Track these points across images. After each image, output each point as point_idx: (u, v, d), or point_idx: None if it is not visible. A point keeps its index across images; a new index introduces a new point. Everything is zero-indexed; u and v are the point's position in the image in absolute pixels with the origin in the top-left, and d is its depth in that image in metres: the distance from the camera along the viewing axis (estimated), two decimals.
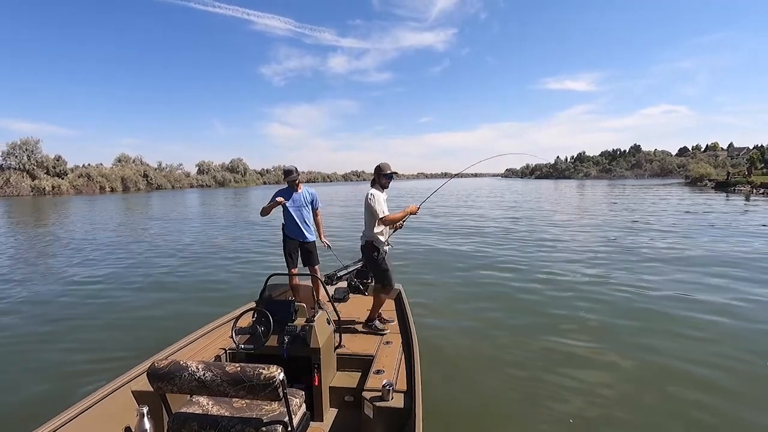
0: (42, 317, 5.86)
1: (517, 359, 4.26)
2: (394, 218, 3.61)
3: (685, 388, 3.66)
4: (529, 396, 3.58)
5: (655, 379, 3.83)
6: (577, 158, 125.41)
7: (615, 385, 3.75)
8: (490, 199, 31.73)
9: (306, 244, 4.35)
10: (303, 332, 2.86)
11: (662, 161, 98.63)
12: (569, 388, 3.68)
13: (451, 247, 10.87)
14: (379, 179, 3.67)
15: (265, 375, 1.69)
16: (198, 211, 25.95)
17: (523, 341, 4.71)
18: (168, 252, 11.03)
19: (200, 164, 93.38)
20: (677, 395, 3.57)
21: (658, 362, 4.17)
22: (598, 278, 7.34)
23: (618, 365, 4.12)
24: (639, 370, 4.03)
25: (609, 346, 4.55)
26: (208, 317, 3.85)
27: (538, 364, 4.15)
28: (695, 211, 19.07)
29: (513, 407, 3.44)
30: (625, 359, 4.22)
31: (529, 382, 3.81)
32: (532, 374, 3.95)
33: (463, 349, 4.55)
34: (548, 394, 3.57)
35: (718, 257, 8.84)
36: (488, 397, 3.56)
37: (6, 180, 53.16)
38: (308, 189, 4.39)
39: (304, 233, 4.34)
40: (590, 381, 3.79)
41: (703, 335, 4.79)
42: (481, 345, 4.64)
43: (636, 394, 3.60)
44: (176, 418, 1.94)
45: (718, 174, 51.58)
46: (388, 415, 2.38)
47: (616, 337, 4.78)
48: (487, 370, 3.97)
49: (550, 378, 3.85)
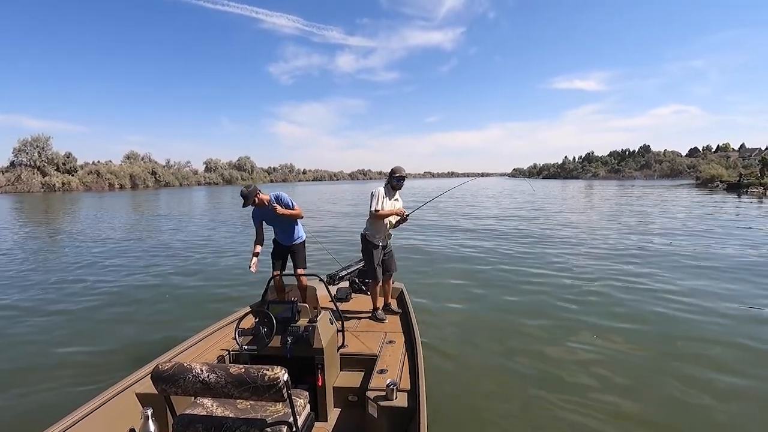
0: (46, 318, 5.90)
1: (522, 359, 4.22)
2: (382, 214, 3.95)
3: (709, 399, 3.55)
4: (533, 396, 3.53)
5: (664, 384, 3.75)
6: (585, 158, 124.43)
7: (623, 385, 3.67)
8: (496, 200, 31.53)
9: (292, 246, 4.26)
10: (306, 332, 2.85)
11: (672, 162, 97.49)
12: (575, 389, 3.62)
13: (456, 247, 10.80)
14: (390, 180, 4.03)
15: (270, 376, 1.69)
16: (204, 210, 26.11)
17: (529, 341, 4.66)
18: (172, 251, 11.10)
19: (208, 162, 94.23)
20: (691, 402, 3.49)
21: (666, 364, 4.08)
22: (610, 281, 7.23)
23: (625, 365, 4.04)
24: (644, 370, 3.94)
25: (618, 349, 4.47)
26: (210, 319, 3.84)
27: (543, 364, 4.10)
28: (719, 216, 18.74)
29: (518, 407, 3.40)
30: (632, 360, 4.15)
31: (534, 382, 3.76)
32: (537, 374, 3.90)
33: (466, 347, 4.52)
34: (554, 395, 3.52)
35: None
36: (493, 397, 3.52)
37: (17, 176, 54.01)
38: (273, 195, 4.08)
39: (287, 237, 4.24)
40: (597, 383, 3.72)
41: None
42: (486, 344, 4.60)
43: (638, 394, 3.53)
44: (181, 420, 1.94)
45: (730, 175, 50.79)
46: (392, 414, 2.37)
47: (626, 340, 4.70)
48: (492, 370, 3.94)
49: (556, 379, 3.80)
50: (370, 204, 3.95)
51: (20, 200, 36.15)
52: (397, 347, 3.17)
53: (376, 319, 3.90)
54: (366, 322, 3.84)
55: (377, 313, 3.94)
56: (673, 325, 5.13)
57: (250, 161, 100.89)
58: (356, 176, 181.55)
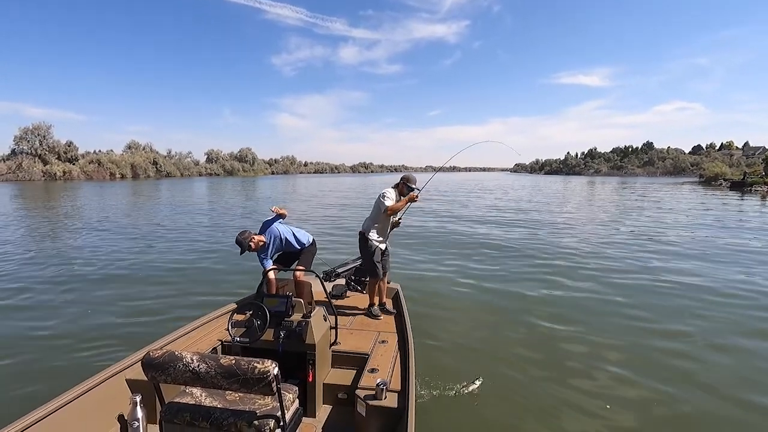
0: (40, 302, 5.91)
1: (513, 362, 4.18)
2: (397, 207, 4.01)
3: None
4: (524, 400, 3.51)
5: (666, 393, 3.72)
6: (587, 154, 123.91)
7: (619, 386, 3.67)
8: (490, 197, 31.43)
9: (301, 250, 4.19)
10: (299, 328, 2.83)
11: (675, 159, 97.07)
12: (567, 391, 3.61)
13: (454, 249, 10.76)
14: (402, 187, 4.08)
15: (260, 369, 1.69)
16: (205, 201, 26.10)
17: (522, 344, 4.61)
18: (170, 241, 11.10)
19: (209, 153, 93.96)
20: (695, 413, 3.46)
21: (666, 374, 4.06)
22: (611, 285, 7.19)
23: (619, 369, 4.03)
24: (638, 375, 3.92)
25: (612, 351, 4.47)
26: (204, 309, 3.82)
27: (535, 367, 4.07)
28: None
29: (506, 410, 3.38)
30: (623, 360, 4.14)
31: (524, 386, 3.74)
32: (528, 378, 3.87)
33: (458, 350, 4.47)
34: (545, 400, 3.50)
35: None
36: (482, 401, 3.49)
37: (18, 164, 53.98)
38: (268, 235, 3.90)
39: (296, 246, 4.12)
40: (590, 388, 3.70)
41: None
42: (478, 348, 4.55)
43: (630, 403, 3.51)
44: (169, 408, 1.94)
45: (734, 173, 50.56)
46: (380, 414, 2.37)
47: (619, 342, 4.69)
48: (484, 372, 3.88)
49: (547, 382, 3.77)
50: (383, 202, 3.97)
51: (21, 189, 36.18)
52: (389, 347, 3.16)
53: (372, 315, 3.89)
54: (360, 320, 3.81)
55: (373, 309, 3.94)
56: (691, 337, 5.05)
57: (252, 153, 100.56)
58: (358, 169, 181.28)
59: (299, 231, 4.17)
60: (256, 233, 3.85)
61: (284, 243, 4.01)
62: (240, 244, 3.70)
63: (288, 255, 4.18)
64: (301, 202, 24.02)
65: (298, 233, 4.13)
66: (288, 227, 4.08)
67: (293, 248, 4.10)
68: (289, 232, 4.04)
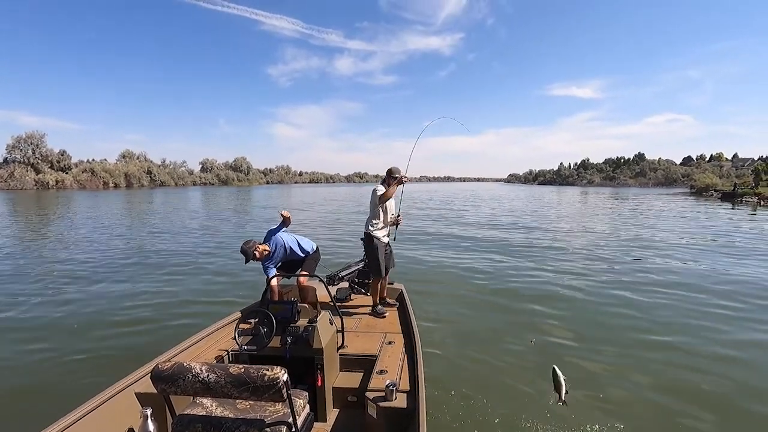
0: (40, 318, 5.82)
1: (522, 362, 4.21)
2: (389, 192, 4.19)
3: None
4: (533, 399, 3.51)
5: (671, 398, 3.73)
6: (581, 165, 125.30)
7: (625, 394, 3.67)
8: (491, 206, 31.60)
9: (304, 258, 4.18)
10: (306, 333, 2.83)
11: (667, 170, 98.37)
12: (577, 393, 3.57)
13: (455, 251, 10.81)
14: (388, 179, 4.19)
15: (269, 376, 1.68)
16: (201, 210, 25.95)
17: (528, 345, 4.64)
18: (170, 251, 11.02)
19: (204, 162, 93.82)
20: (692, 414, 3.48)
21: (670, 378, 4.08)
22: (619, 289, 7.23)
23: (628, 376, 4.04)
24: (645, 381, 3.93)
25: (618, 359, 4.48)
26: (210, 318, 3.78)
27: (543, 367, 4.05)
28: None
29: (517, 409, 3.38)
30: (631, 369, 4.15)
31: (533, 384, 3.75)
32: (536, 377, 3.88)
33: (466, 349, 4.50)
34: (554, 399, 3.49)
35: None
36: (492, 399, 3.50)
37: (10, 173, 53.49)
38: (272, 243, 3.84)
39: (299, 254, 4.16)
40: (597, 387, 3.71)
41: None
42: (485, 347, 4.59)
43: (637, 407, 3.52)
44: (180, 420, 1.93)
45: (724, 184, 51.31)
46: (391, 415, 2.36)
47: (627, 351, 4.70)
48: (492, 372, 3.93)
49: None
50: (376, 194, 4.16)
51: (12, 198, 35.74)
52: (396, 348, 3.16)
53: (377, 314, 3.92)
54: (366, 322, 3.81)
55: (378, 308, 3.99)
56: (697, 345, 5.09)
57: (247, 162, 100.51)
58: (352, 179, 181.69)
59: (303, 239, 4.15)
60: (260, 242, 3.84)
61: (288, 252, 3.99)
62: (245, 253, 3.67)
63: (292, 263, 4.17)
64: (299, 211, 24.00)
65: (303, 241, 4.11)
66: (292, 236, 4.07)
67: (297, 256, 4.08)
68: (293, 240, 4.03)
